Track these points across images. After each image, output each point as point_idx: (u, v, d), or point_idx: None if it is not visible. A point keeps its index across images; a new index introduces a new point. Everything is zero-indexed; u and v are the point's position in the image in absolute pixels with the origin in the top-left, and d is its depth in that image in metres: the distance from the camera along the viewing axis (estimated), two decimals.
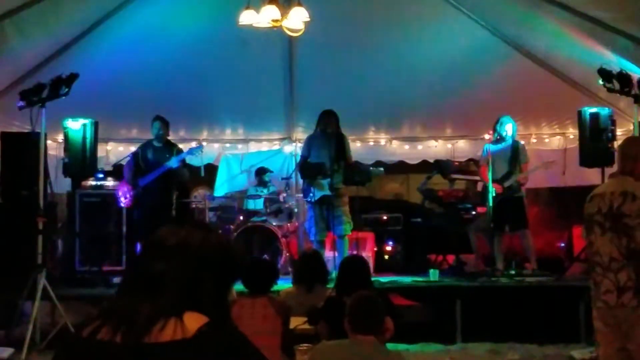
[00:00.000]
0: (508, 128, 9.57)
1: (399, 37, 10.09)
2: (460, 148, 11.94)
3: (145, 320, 1.90)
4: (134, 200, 9.06)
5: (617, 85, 7.88)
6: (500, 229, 9.51)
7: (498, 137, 9.63)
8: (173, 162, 9.01)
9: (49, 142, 9.42)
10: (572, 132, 11.09)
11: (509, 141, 9.60)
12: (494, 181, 9.33)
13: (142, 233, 8.98)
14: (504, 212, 9.36)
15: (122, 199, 9.10)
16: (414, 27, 9.94)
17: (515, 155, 9.55)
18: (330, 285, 6.32)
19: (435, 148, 12.00)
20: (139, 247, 9.32)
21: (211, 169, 11.83)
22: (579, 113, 9.67)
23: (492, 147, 9.60)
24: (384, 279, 9.18)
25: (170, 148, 9.32)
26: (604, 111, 9.52)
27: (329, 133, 9.34)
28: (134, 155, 9.27)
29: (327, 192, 9.18)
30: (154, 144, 9.25)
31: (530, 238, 9.62)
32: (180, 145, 10.96)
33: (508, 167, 9.51)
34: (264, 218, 10.44)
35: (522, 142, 10.13)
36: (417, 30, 9.99)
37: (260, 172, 11.14)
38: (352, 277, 5.71)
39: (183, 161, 9.23)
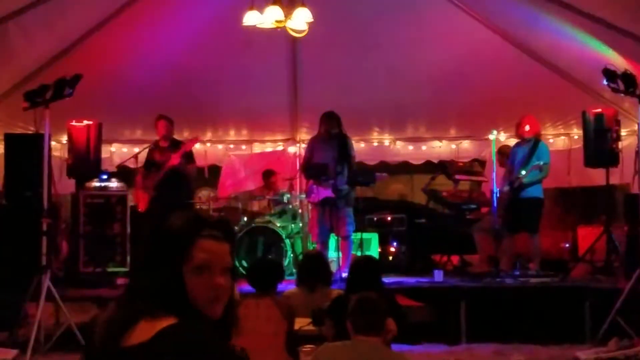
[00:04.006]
0: (527, 127, 9.45)
1: (403, 37, 10.09)
2: (464, 148, 11.93)
3: (117, 323, 1.90)
4: (149, 202, 9.18)
5: (621, 86, 7.86)
6: (511, 230, 9.44)
7: (520, 138, 9.53)
8: (174, 159, 9.15)
9: (53, 143, 9.41)
10: (577, 133, 11.08)
11: (531, 141, 9.47)
12: (503, 183, 9.30)
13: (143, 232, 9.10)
14: (518, 213, 9.26)
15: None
16: (418, 27, 9.94)
17: (530, 155, 9.35)
18: (333, 286, 6.32)
19: (439, 148, 12.00)
20: None
21: (215, 170, 11.84)
22: (584, 113, 9.65)
23: (515, 149, 9.54)
24: (388, 279, 9.17)
25: (176, 146, 9.41)
26: (609, 111, 9.50)
27: (331, 134, 9.33)
28: (147, 156, 9.44)
29: (330, 194, 9.17)
30: (160, 144, 9.38)
31: (538, 242, 9.52)
32: None
33: (521, 167, 9.40)
34: (268, 219, 10.44)
35: (543, 142, 9.84)
36: (421, 30, 9.98)
37: (268, 174, 11.15)
38: (363, 277, 5.72)
39: (183, 156, 9.29)
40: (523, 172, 9.20)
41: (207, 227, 2.07)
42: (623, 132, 9.80)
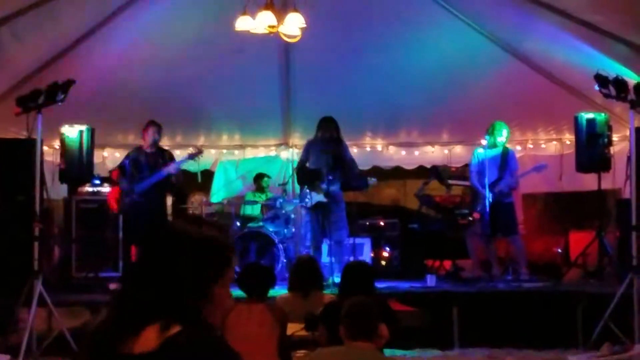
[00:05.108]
0: (502, 134, 9.59)
1: (395, 42, 10.10)
2: (456, 154, 11.94)
3: (121, 328, 1.90)
4: (130, 207, 9.07)
5: (613, 91, 7.88)
6: (492, 235, 9.52)
7: (491, 144, 9.62)
8: (172, 168, 9.08)
9: (45, 148, 9.40)
10: (569, 138, 11.12)
11: (500, 148, 9.63)
12: (483, 187, 9.37)
13: (138, 239, 9.06)
14: (495, 218, 9.37)
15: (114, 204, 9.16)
16: (411, 32, 9.94)
17: (504, 161, 9.56)
18: (326, 291, 6.32)
19: (432, 154, 12.01)
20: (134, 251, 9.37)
21: (208, 175, 11.83)
22: (576, 118, 9.68)
23: (483, 154, 9.62)
24: (381, 284, 9.17)
25: (163, 153, 9.37)
26: (600, 117, 9.54)
27: (327, 139, 9.34)
28: (131, 161, 9.24)
29: (323, 198, 9.18)
30: (146, 150, 9.29)
31: (522, 243, 9.67)
32: (177, 152, 11.00)
33: (497, 173, 9.53)
34: (261, 224, 10.43)
35: (512, 149, 10.19)
36: (414, 35, 9.99)
37: (259, 177, 11.15)
38: (355, 282, 5.72)
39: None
40: (504, 184, 9.50)
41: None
42: (615, 138, 9.83)
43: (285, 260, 9.96)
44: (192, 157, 9.43)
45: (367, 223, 11.01)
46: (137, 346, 1.89)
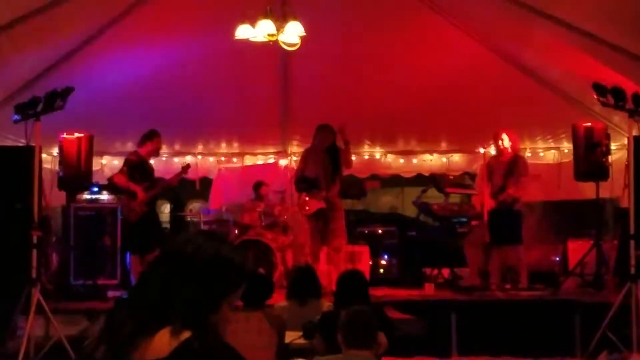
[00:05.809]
0: (506, 141, 9.56)
1: (394, 51, 10.12)
2: (455, 162, 11.96)
3: (126, 337, 1.91)
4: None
5: (611, 100, 7.90)
6: (495, 243, 9.50)
7: (498, 151, 9.62)
8: (174, 180, 9.37)
9: (44, 155, 9.38)
10: (567, 146, 11.13)
11: (509, 155, 9.59)
12: (489, 195, 9.36)
13: (136, 245, 9.06)
14: (501, 226, 9.34)
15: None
16: (410, 41, 9.96)
17: (511, 168, 9.53)
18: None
19: (430, 162, 12.01)
20: (129, 258, 9.39)
21: (206, 183, 11.84)
22: (574, 127, 9.70)
23: (492, 163, 9.61)
24: (379, 292, 9.16)
25: (150, 164, 9.44)
26: (599, 125, 9.56)
27: (324, 147, 9.35)
28: (137, 167, 9.23)
29: (322, 206, 9.18)
30: (144, 158, 9.33)
31: (523, 254, 9.62)
32: (175, 159, 11.05)
33: (503, 180, 9.51)
34: (259, 231, 10.42)
35: (522, 156, 10.11)
36: (413, 44, 10.01)
37: (258, 185, 11.15)
38: (350, 291, 5.71)
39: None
40: (515, 188, 9.39)
41: None
42: (613, 146, 9.84)
43: (283, 268, 9.95)
44: (184, 172, 9.53)
45: (365, 231, 11.00)
46: (149, 352, 1.90)
